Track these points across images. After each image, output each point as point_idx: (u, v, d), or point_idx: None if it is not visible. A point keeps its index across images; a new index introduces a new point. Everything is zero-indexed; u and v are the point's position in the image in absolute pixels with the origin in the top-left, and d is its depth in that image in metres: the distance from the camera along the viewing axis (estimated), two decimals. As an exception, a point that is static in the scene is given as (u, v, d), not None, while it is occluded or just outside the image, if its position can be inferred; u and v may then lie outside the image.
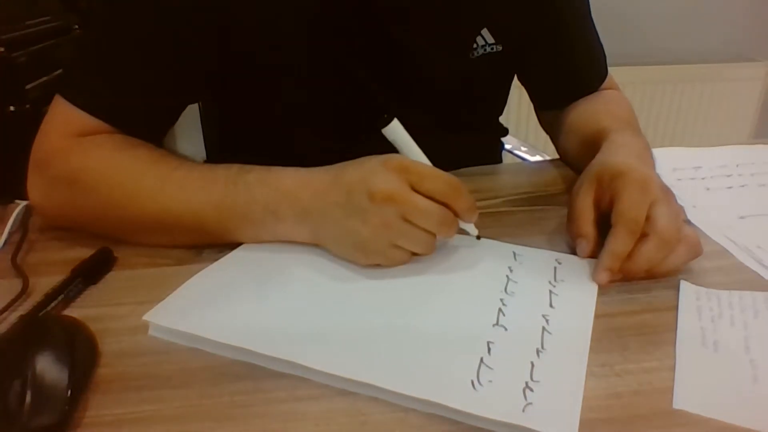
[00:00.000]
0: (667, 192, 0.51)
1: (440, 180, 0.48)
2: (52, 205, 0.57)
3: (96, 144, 0.56)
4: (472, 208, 0.50)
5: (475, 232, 0.53)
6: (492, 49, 0.69)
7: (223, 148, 0.84)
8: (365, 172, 0.48)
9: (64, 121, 0.58)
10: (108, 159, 0.55)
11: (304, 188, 0.50)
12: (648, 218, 0.48)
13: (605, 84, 0.78)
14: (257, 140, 0.73)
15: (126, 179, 0.54)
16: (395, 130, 0.50)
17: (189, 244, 0.54)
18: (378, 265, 0.49)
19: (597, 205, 0.53)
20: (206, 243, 0.54)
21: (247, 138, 0.75)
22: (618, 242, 0.48)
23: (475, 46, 0.68)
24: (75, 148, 0.56)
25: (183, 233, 0.53)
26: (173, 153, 0.57)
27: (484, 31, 0.68)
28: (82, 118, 0.57)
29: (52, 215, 0.58)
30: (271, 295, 0.47)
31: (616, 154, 0.56)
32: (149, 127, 0.61)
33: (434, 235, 0.49)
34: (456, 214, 0.49)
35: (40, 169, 0.57)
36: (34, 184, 0.57)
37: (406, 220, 0.47)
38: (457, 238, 0.55)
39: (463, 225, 0.52)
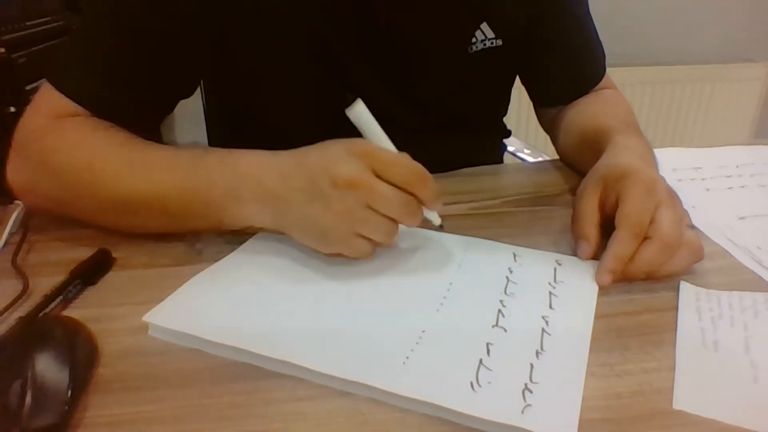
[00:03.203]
0: (672, 195, 0.51)
1: (405, 167, 0.47)
2: (27, 184, 0.57)
3: (72, 126, 0.56)
4: (437, 197, 0.49)
5: (438, 221, 0.52)
6: (492, 43, 0.69)
7: (226, 143, 0.84)
8: (329, 157, 0.47)
9: (47, 105, 0.58)
10: (81, 141, 0.55)
11: (268, 172, 0.49)
12: (652, 221, 0.48)
13: (602, 84, 0.78)
14: (258, 134, 0.74)
15: (95, 160, 0.53)
16: (359, 113, 0.48)
17: (161, 230, 0.53)
18: (340, 255, 0.49)
19: (602, 206, 0.53)
20: (175, 229, 0.53)
21: (249, 132, 0.75)
22: (621, 245, 0.48)
23: (474, 40, 0.68)
24: (51, 130, 0.56)
25: (149, 217, 0.52)
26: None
27: (484, 26, 0.68)
28: (65, 105, 0.57)
29: (28, 195, 0.58)
30: (270, 296, 0.47)
31: (621, 156, 0.56)
32: (135, 119, 0.59)
33: (396, 223, 0.48)
34: (420, 202, 0.48)
35: (18, 149, 0.57)
36: (11, 163, 0.57)
37: (369, 207, 0.46)
38: (462, 240, 0.55)
39: (427, 213, 0.50)
